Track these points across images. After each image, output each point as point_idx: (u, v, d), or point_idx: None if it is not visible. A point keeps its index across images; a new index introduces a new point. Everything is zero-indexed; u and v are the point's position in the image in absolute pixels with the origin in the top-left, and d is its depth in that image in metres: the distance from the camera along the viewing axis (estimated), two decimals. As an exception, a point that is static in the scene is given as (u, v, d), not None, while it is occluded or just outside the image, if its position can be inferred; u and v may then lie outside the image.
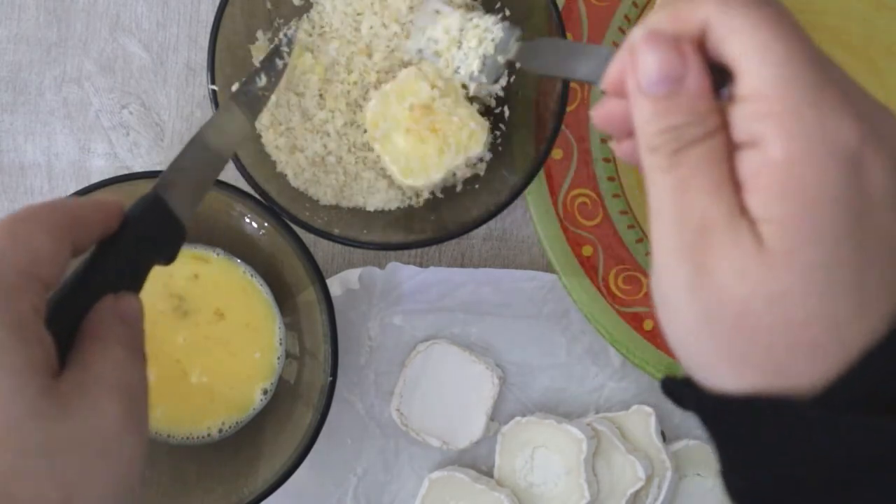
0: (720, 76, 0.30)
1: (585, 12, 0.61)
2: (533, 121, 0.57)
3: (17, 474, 0.30)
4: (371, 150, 0.59)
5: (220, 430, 0.58)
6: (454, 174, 0.58)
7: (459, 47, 0.55)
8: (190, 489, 0.57)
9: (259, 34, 0.58)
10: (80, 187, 0.53)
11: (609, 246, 0.61)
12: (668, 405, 0.61)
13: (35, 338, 0.32)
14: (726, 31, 0.29)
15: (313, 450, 0.53)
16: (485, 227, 0.62)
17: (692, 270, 0.29)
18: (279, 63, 0.54)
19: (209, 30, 0.54)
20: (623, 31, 0.62)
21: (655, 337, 0.60)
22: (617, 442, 0.58)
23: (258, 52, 0.58)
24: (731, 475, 0.31)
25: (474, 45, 0.54)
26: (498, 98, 0.60)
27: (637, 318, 0.60)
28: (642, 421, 0.59)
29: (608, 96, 0.33)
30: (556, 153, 0.61)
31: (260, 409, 0.59)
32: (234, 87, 0.54)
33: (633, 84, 0.30)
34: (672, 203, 0.29)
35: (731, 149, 0.29)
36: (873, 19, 0.62)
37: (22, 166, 0.63)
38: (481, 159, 0.58)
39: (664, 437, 0.60)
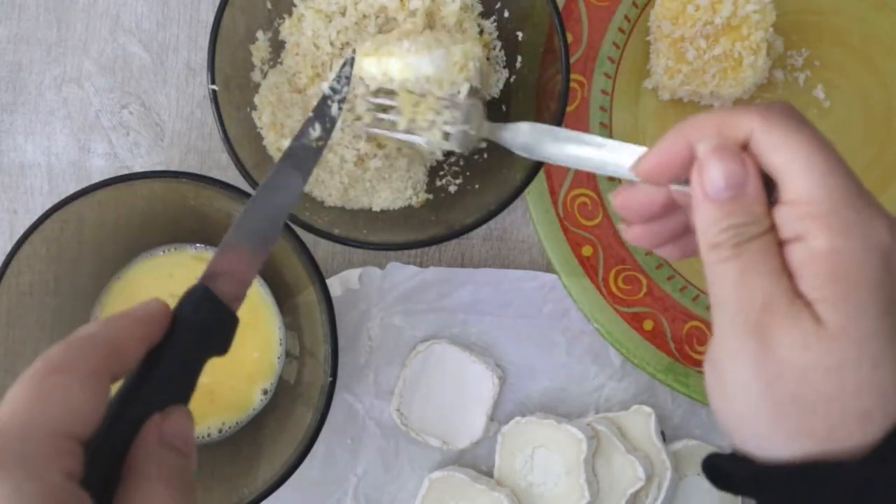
0: (765, 182, 0.34)
1: (585, 12, 0.61)
2: (533, 121, 0.57)
3: None
4: (379, 147, 0.59)
5: (220, 430, 0.58)
6: (435, 116, 0.53)
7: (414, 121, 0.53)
8: (190, 489, 0.57)
9: (259, 34, 0.58)
10: (80, 187, 0.53)
11: (609, 246, 0.61)
12: (668, 405, 0.61)
13: None
14: (771, 145, 0.34)
15: (313, 450, 0.53)
16: (485, 227, 0.62)
17: (757, 345, 0.33)
18: (334, 109, 0.47)
19: (209, 30, 0.54)
20: (623, 31, 0.62)
21: (655, 337, 0.60)
22: (617, 442, 0.58)
23: (258, 51, 0.58)
24: None
25: (430, 117, 0.53)
26: (498, 98, 0.60)
27: (637, 318, 0.60)
28: (642, 421, 0.59)
29: (630, 185, 0.38)
30: (556, 153, 0.61)
31: (260, 409, 0.59)
32: (286, 144, 0.50)
33: (700, 191, 0.35)
34: (735, 288, 0.34)
35: (779, 243, 0.34)
36: (873, 19, 0.62)
37: (22, 166, 0.63)
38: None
39: (664, 437, 0.60)
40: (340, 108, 0.48)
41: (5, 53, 0.64)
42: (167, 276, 0.59)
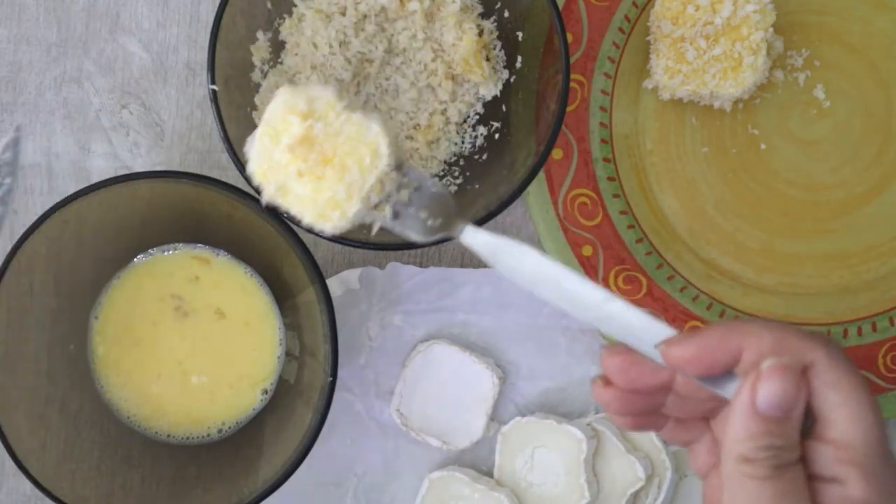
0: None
1: (585, 12, 0.61)
2: (533, 121, 0.57)
3: None
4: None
5: (220, 430, 0.58)
6: (387, 194, 0.46)
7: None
8: (190, 489, 0.57)
9: (259, 34, 0.58)
10: (80, 187, 0.53)
11: (609, 246, 0.61)
12: (668, 405, 0.61)
13: None
14: (830, 382, 0.35)
15: (313, 450, 0.53)
16: (485, 227, 0.62)
17: None
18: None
19: (209, 30, 0.54)
20: (623, 31, 0.62)
21: (655, 337, 0.60)
22: (617, 442, 0.58)
23: (258, 51, 0.58)
24: None
25: (387, 189, 0.45)
26: (498, 98, 0.60)
27: (637, 318, 0.60)
28: (642, 421, 0.59)
29: (631, 352, 0.37)
30: (556, 153, 0.61)
31: (260, 409, 0.59)
32: None
33: (749, 402, 0.35)
34: None
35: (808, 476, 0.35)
36: (873, 19, 0.62)
37: (22, 166, 0.63)
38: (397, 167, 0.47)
39: (664, 437, 0.60)
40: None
41: (5, 53, 0.64)
42: (167, 276, 0.59)
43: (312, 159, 0.45)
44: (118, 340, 0.58)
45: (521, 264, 0.41)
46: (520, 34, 0.59)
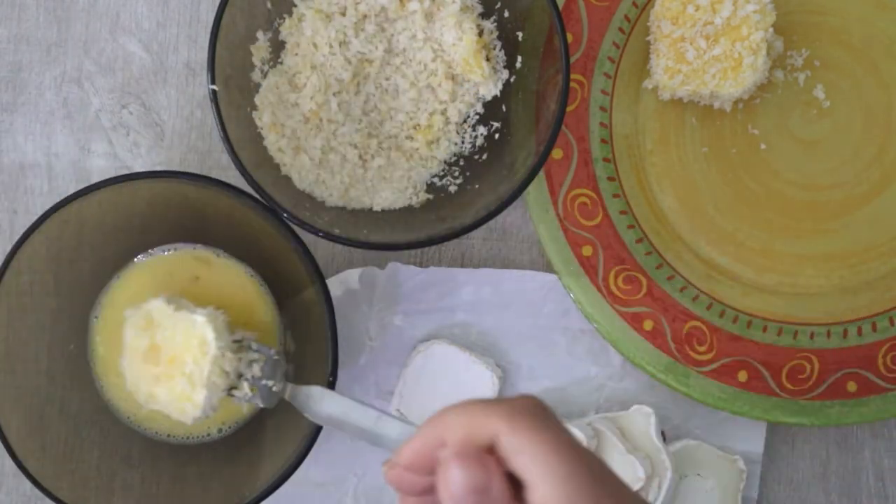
0: (514, 479, 0.35)
1: (585, 12, 0.61)
2: (533, 121, 0.57)
3: None
4: (381, 149, 0.60)
5: (220, 430, 0.58)
6: (237, 373, 0.52)
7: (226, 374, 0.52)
8: (190, 489, 0.57)
9: (259, 34, 0.58)
10: (80, 187, 0.53)
11: (609, 246, 0.61)
12: (668, 405, 0.61)
13: None
14: (513, 448, 0.34)
15: (313, 450, 0.53)
16: (485, 227, 0.62)
17: None
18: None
19: (209, 30, 0.54)
20: (623, 31, 0.62)
21: (655, 337, 0.60)
22: (617, 442, 0.58)
23: (258, 52, 0.58)
24: None
25: (239, 367, 0.52)
26: (498, 98, 0.60)
27: (637, 318, 0.60)
28: (642, 421, 0.59)
29: (402, 467, 0.38)
30: (556, 153, 0.61)
31: (260, 409, 0.59)
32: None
33: (445, 493, 0.34)
34: None
35: None
36: (873, 19, 0.62)
37: (22, 166, 0.63)
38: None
39: (664, 437, 0.60)
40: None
41: (5, 53, 0.64)
42: (167, 276, 0.59)
43: (164, 362, 0.51)
44: (118, 340, 0.58)
45: (321, 406, 0.49)
46: (520, 34, 0.59)
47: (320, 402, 0.49)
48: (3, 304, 0.53)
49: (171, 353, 0.51)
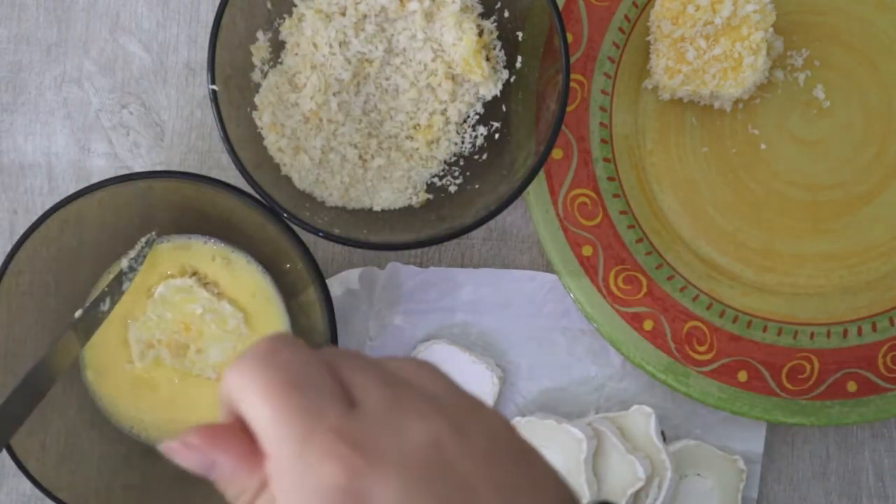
0: None
1: (585, 12, 0.61)
2: (533, 121, 0.57)
3: None
4: (381, 149, 0.60)
5: (220, 430, 0.58)
6: None
7: None
8: (190, 489, 0.57)
9: (259, 34, 0.58)
10: (80, 187, 0.53)
11: (609, 246, 0.61)
12: (668, 405, 0.61)
13: None
14: (236, 399, 0.30)
15: (313, 450, 0.53)
16: (485, 227, 0.62)
17: None
18: (125, 285, 0.56)
19: (209, 30, 0.54)
20: (623, 31, 0.62)
21: (655, 337, 0.60)
22: (617, 442, 0.58)
23: (258, 52, 0.58)
24: None
25: None
26: (498, 98, 0.60)
27: (637, 318, 0.60)
28: (642, 421, 0.59)
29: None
30: (556, 153, 0.61)
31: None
32: (78, 314, 0.56)
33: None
34: None
35: None
36: (873, 19, 0.62)
37: (22, 166, 0.63)
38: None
39: (664, 437, 0.60)
40: (129, 283, 0.56)
41: (5, 53, 0.64)
42: (167, 276, 0.59)
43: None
44: (118, 340, 0.58)
45: None
46: (520, 34, 0.59)
47: None
48: (3, 304, 0.53)
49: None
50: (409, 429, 0.29)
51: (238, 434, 0.31)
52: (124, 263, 0.56)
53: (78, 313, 0.56)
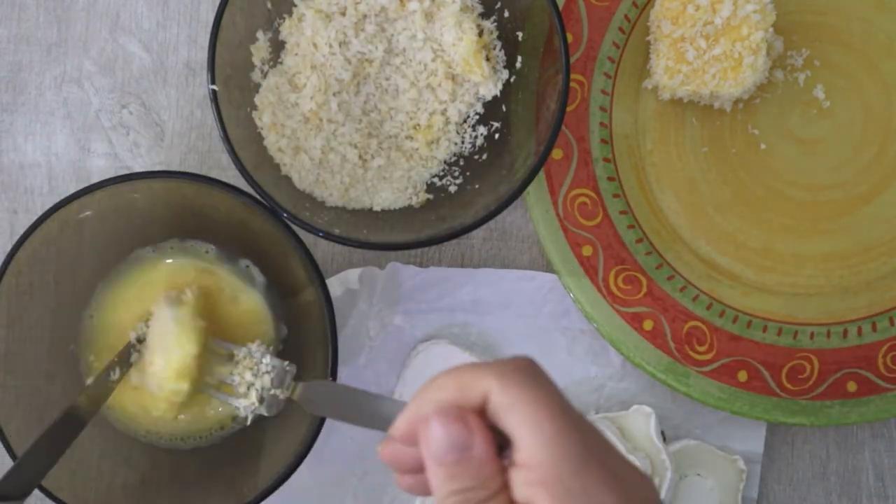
0: (503, 439, 0.34)
1: (585, 12, 0.61)
2: (533, 121, 0.57)
3: None
4: (381, 149, 0.60)
5: (221, 430, 0.58)
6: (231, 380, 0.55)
7: (233, 381, 0.53)
8: (190, 489, 0.57)
9: (259, 34, 0.58)
10: (80, 187, 0.53)
11: (609, 246, 0.61)
12: (668, 405, 0.61)
13: None
14: (504, 404, 0.34)
15: (313, 450, 0.53)
16: (485, 227, 0.62)
17: None
18: (133, 356, 0.55)
19: (209, 30, 0.54)
20: (623, 31, 0.62)
21: (655, 337, 0.60)
22: (617, 442, 0.58)
23: (258, 52, 0.58)
24: None
25: (248, 378, 0.53)
26: (498, 98, 0.60)
27: (637, 318, 0.60)
28: (642, 421, 0.59)
29: (395, 441, 0.37)
30: (556, 153, 0.61)
31: (260, 409, 0.59)
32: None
33: (426, 452, 0.34)
34: None
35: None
36: (873, 19, 0.62)
37: (22, 166, 0.63)
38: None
39: (664, 437, 0.60)
40: (138, 354, 0.55)
41: (5, 53, 0.64)
42: (171, 274, 0.59)
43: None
44: (118, 340, 0.58)
45: (323, 398, 0.48)
46: (520, 34, 0.59)
47: (321, 393, 0.49)
48: (3, 304, 0.53)
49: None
50: None
51: (490, 432, 0.34)
52: (132, 336, 0.56)
53: (89, 381, 0.56)
